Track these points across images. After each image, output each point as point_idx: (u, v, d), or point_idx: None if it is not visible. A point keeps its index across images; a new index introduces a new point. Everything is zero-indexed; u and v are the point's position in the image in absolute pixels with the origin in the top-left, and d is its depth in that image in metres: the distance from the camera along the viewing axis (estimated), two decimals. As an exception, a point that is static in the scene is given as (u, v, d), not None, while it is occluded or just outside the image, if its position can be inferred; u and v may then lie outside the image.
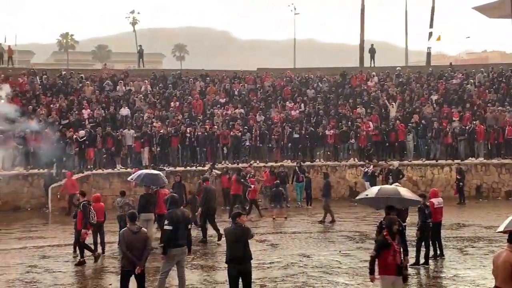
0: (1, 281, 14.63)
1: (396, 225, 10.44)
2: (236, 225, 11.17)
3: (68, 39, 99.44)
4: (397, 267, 10.31)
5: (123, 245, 11.18)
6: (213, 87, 36.58)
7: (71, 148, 28.64)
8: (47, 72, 37.30)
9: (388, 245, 10.24)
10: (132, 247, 11.06)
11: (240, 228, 11.14)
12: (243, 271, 11.13)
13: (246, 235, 11.19)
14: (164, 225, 12.09)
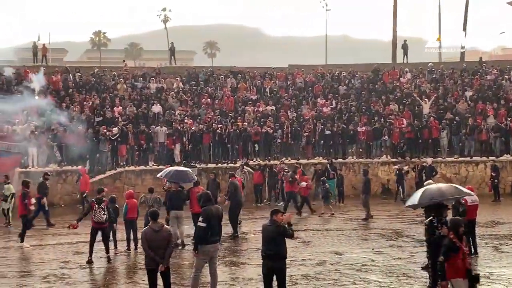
0: (36, 276, 14.80)
1: (462, 227, 10.17)
2: (272, 222, 11.09)
3: (100, 37, 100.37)
4: (466, 270, 10.06)
5: (145, 244, 11.21)
6: (244, 84, 36.57)
7: (104, 145, 28.88)
8: (80, 70, 37.69)
9: (456, 249, 9.99)
10: (154, 245, 11.10)
11: (274, 226, 11.03)
12: (275, 268, 11.09)
13: (279, 233, 11.03)
14: (198, 222, 12.07)
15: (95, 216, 16.22)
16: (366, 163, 31.24)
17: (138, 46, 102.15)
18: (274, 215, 11.15)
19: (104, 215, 16.26)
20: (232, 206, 19.70)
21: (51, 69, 37.02)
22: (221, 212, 12.41)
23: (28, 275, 14.87)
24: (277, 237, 11.01)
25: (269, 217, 11.24)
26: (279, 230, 11.03)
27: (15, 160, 27.94)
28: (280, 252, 11.10)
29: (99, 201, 16.37)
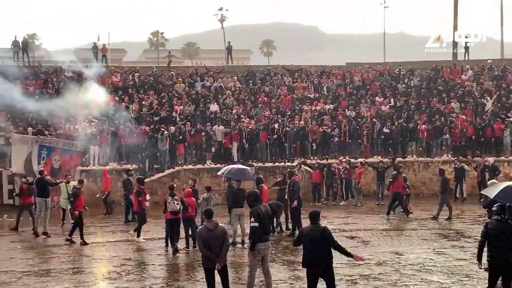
0: (98, 273, 15.05)
1: None
2: (314, 225, 10.66)
3: (158, 37, 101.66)
4: None
5: (200, 243, 11.22)
6: (301, 83, 36.40)
7: (162, 144, 29.19)
8: (139, 69, 38.21)
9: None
10: (210, 244, 11.08)
11: (317, 229, 10.60)
12: (321, 275, 10.71)
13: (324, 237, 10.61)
14: (250, 222, 12.03)
15: (169, 207, 17.28)
16: (426, 161, 30.70)
17: (195, 45, 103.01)
18: (317, 218, 10.79)
19: (177, 205, 17.25)
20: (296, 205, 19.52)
21: (111, 69, 37.66)
22: (270, 210, 12.35)
23: (89, 272, 15.11)
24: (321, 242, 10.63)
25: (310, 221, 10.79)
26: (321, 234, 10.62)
27: (77, 159, 28.51)
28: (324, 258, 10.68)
29: (172, 194, 17.41)
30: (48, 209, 20.77)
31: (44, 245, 18.87)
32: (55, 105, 30.82)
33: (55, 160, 27.84)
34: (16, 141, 27.33)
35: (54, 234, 20.94)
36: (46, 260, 16.55)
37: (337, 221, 22.74)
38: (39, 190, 20.78)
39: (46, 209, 20.53)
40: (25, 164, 26.97)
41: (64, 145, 28.24)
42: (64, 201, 22.77)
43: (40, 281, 14.10)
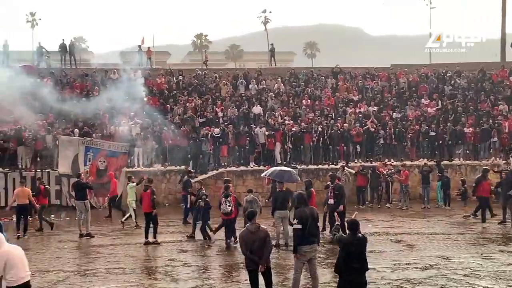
0: (143, 273, 15.18)
1: None
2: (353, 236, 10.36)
3: (202, 40, 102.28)
4: None
5: (243, 246, 11.19)
6: (345, 85, 36.15)
7: (206, 146, 29.32)
8: (183, 71, 38.48)
9: None
10: (252, 246, 11.04)
11: (357, 239, 10.33)
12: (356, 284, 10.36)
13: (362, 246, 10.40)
14: (293, 224, 11.96)
15: (221, 209, 18.00)
16: (474, 165, 30.15)
17: (238, 47, 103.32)
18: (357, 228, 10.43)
19: (229, 207, 17.87)
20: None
21: (155, 72, 38.04)
22: (316, 213, 12.23)
23: (133, 272, 15.24)
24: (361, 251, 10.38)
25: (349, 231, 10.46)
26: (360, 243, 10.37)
27: (123, 160, 28.83)
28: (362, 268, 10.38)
29: (226, 195, 18.06)
30: (89, 211, 20.84)
31: (90, 245, 19.11)
32: (101, 107, 31.31)
33: (101, 162, 28.21)
34: (63, 142, 27.79)
35: (100, 234, 21.21)
36: (93, 260, 16.76)
37: (382, 224, 22.49)
38: (77, 193, 20.94)
39: (86, 211, 20.62)
40: (72, 165, 27.39)
41: (109, 146, 28.59)
42: (132, 202, 22.73)
43: (87, 280, 14.29)
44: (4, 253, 9.68)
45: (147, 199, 19.10)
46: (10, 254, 9.70)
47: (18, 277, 9.60)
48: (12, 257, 9.67)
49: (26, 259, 9.92)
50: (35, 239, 20.32)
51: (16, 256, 9.76)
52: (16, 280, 9.60)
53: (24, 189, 21.08)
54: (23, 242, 18.64)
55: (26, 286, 9.80)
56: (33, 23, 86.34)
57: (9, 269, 9.59)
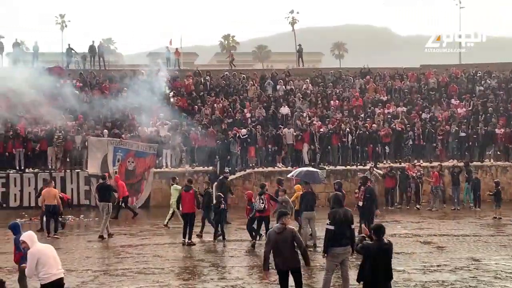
0: (172, 272, 15.23)
1: None
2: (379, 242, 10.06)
3: (229, 41, 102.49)
4: None
5: (268, 245, 11.17)
6: (373, 85, 35.91)
7: (234, 147, 29.33)
8: (211, 72, 38.57)
9: None
10: (278, 246, 10.98)
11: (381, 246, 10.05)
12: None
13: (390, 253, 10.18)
14: (326, 224, 11.88)
15: (255, 206, 18.33)
16: (505, 166, 29.77)
17: (266, 48, 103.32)
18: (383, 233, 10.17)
19: (262, 204, 18.17)
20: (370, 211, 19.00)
21: (183, 73, 38.19)
22: (350, 215, 12.12)
23: (162, 272, 15.30)
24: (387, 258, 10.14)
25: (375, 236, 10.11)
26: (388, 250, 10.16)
27: (151, 161, 29.00)
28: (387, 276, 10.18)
29: (260, 193, 18.41)
30: (109, 214, 20.83)
31: (119, 245, 19.22)
32: (130, 108, 31.54)
33: (130, 162, 28.40)
34: (92, 143, 28.04)
35: (129, 234, 21.36)
36: (121, 260, 16.85)
37: (411, 226, 22.29)
38: (101, 195, 20.91)
39: (107, 213, 20.60)
40: (101, 165, 27.61)
41: (138, 147, 28.76)
42: (174, 202, 22.64)
43: (116, 280, 14.38)
44: (36, 251, 9.90)
45: (189, 199, 19.10)
46: (41, 252, 9.92)
47: (50, 274, 9.81)
48: (43, 254, 9.87)
49: (58, 257, 10.07)
50: (65, 239, 20.49)
51: (48, 254, 9.98)
52: (48, 277, 9.80)
53: (51, 189, 21.24)
54: (53, 242, 18.79)
55: (58, 282, 9.97)
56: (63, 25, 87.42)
57: (41, 266, 9.79)
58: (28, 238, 10.14)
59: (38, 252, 9.92)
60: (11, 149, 28.24)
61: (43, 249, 10.03)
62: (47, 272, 9.81)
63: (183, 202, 19.23)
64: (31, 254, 9.89)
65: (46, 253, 9.97)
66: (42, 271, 9.82)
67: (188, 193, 19.21)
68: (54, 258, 10.00)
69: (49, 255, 9.96)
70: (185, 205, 19.12)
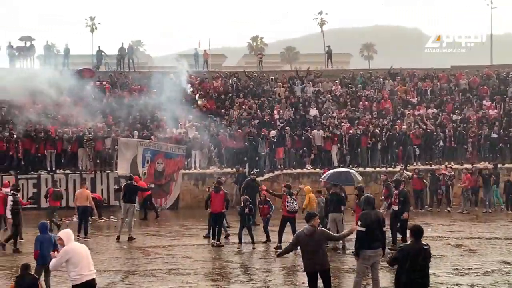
0: (201, 273, 15.28)
1: None
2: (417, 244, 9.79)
3: (258, 42, 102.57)
4: None
5: (294, 246, 11.24)
6: (403, 86, 35.60)
7: (262, 148, 29.30)
8: (239, 74, 38.61)
9: None
10: (307, 248, 10.94)
11: (419, 249, 9.74)
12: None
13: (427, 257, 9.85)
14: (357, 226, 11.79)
15: (288, 206, 18.29)
16: (537, 168, 29.29)
17: (294, 50, 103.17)
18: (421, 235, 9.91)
19: (296, 205, 18.34)
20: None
21: (211, 74, 38.30)
22: (381, 217, 12.02)
23: (192, 273, 15.34)
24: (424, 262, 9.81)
25: (414, 238, 9.84)
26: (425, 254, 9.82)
27: (180, 162, 29.11)
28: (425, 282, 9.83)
29: (290, 193, 18.48)
30: (133, 215, 20.86)
31: (148, 246, 19.33)
32: (159, 109, 31.72)
33: (159, 163, 28.53)
34: (122, 144, 28.21)
35: (158, 235, 21.47)
36: (151, 261, 16.95)
37: (442, 228, 22.05)
38: (126, 195, 20.88)
39: (132, 214, 20.63)
40: (130, 166, 27.78)
41: (167, 148, 28.88)
42: None
43: (146, 281, 14.46)
44: (70, 250, 9.97)
45: (219, 200, 19.13)
46: (75, 251, 9.97)
47: (82, 275, 9.87)
48: (77, 254, 9.92)
49: (91, 258, 10.12)
50: (95, 240, 20.67)
51: (82, 254, 10.03)
52: (80, 278, 9.86)
53: (84, 191, 21.45)
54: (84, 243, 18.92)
55: (90, 284, 10.02)
56: (93, 27, 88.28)
57: (73, 267, 9.85)
58: (65, 235, 10.22)
59: (72, 251, 9.98)
60: (43, 150, 28.54)
61: (77, 249, 10.09)
62: (79, 273, 9.86)
63: (212, 203, 19.24)
64: (64, 252, 9.98)
65: (80, 253, 10.03)
66: (74, 271, 9.87)
67: (218, 194, 19.25)
68: (87, 258, 10.07)
69: (82, 255, 10.01)
70: (214, 205, 19.16)
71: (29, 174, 28.02)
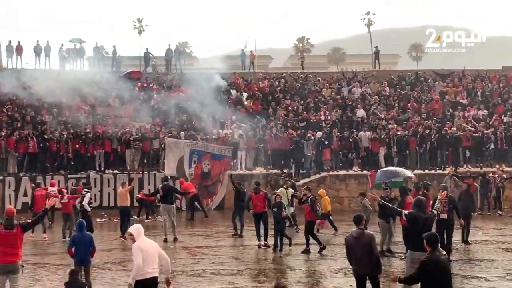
0: (248, 274, 15.28)
1: None
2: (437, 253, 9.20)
3: (304, 43, 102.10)
4: None
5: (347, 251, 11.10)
6: (453, 87, 34.96)
7: (308, 149, 29.14)
8: (285, 75, 38.51)
9: None
10: (354, 251, 10.83)
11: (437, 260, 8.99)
12: None
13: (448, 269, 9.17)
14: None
15: (317, 210, 18.27)
16: None
17: (341, 50, 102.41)
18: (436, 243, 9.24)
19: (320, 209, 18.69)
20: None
21: (257, 75, 38.30)
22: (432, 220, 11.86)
23: (239, 273, 15.35)
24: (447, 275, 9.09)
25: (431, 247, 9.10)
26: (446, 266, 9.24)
27: (226, 163, 29.15)
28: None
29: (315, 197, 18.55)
30: (174, 216, 20.91)
31: (195, 246, 19.41)
32: (205, 110, 31.86)
33: (205, 164, 28.63)
34: (169, 145, 28.39)
35: (205, 235, 21.55)
36: (198, 261, 17.01)
37: (493, 232, 21.57)
38: (164, 196, 20.91)
39: (172, 215, 20.67)
40: (177, 167, 27.95)
41: (214, 149, 28.96)
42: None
43: (193, 281, 14.52)
44: (143, 245, 10.06)
45: (260, 201, 19.15)
46: (142, 248, 10.01)
47: (145, 271, 9.91)
48: (144, 251, 9.97)
49: (157, 255, 10.16)
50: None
51: (148, 250, 10.07)
52: (143, 274, 9.92)
53: (124, 190, 21.67)
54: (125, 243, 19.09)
55: (152, 281, 10.05)
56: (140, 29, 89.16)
57: (143, 263, 9.91)
58: (135, 231, 10.36)
59: (144, 247, 10.07)
60: (92, 150, 28.96)
61: (146, 245, 10.16)
62: (143, 269, 9.94)
63: (254, 204, 19.33)
64: (136, 248, 10.06)
65: (147, 249, 10.08)
66: None
67: (258, 195, 19.36)
68: (152, 255, 10.10)
69: (148, 252, 10.06)
70: (256, 206, 19.23)
71: (78, 174, 28.43)
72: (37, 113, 30.81)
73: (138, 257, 9.93)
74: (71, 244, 12.90)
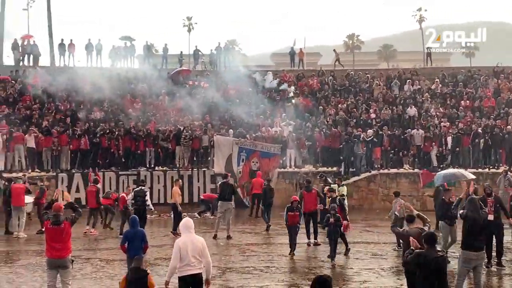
0: (296, 272, 15.18)
1: None
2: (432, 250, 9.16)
3: (354, 40, 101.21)
4: None
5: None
6: (508, 84, 34.09)
7: (358, 148, 28.81)
8: (334, 72, 38.23)
9: None
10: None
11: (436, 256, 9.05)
12: None
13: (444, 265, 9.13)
14: None
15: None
16: None
17: (391, 47, 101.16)
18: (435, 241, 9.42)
19: None
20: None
21: (307, 73, 38.12)
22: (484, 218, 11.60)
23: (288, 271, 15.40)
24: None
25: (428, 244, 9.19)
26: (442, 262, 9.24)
27: (275, 161, 29.06)
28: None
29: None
30: (230, 213, 20.83)
31: (244, 243, 19.41)
32: (255, 108, 31.86)
33: (254, 162, 28.57)
34: (218, 142, 28.46)
35: (254, 233, 21.55)
36: (247, 258, 17.01)
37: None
38: (221, 193, 20.97)
39: (230, 212, 20.68)
40: (226, 165, 27.99)
41: (262, 147, 28.88)
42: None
43: (242, 278, 14.52)
44: (181, 243, 10.12)
45: (311, 199, 19.08)
46: (181, 245, 10.01)
47: (185, 268, 9.93)
48: (184, 247, 9.97)
49: (202, 252, 10.11)
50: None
51: (188, 247, 10.03)
52: (181, 271, 9.94)
53: (174, 188, 21.88)
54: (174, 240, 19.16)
55: (192, 278, 10.02)
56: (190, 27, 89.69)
57: (182, 259, 9.94)
58: (181, 226, 10.51)
59: (183, 244, 10.08)
60: (143, 147, 29.25)
61: (186, 241, 10.15)
62: (183, 266, 9.97)
63: (305, 202, 19.09)
64: (175, 246, 10.14)
65: (187, 246, 10.06)
66: (179, 264, 10.00)
67: (310, 193, 19.21)
68: (192, 251, 10.05)
69: (188, 249, 10.03)
70: (307, 204, 19.04)
71: (129, 171, 28.76)
72: (89, 111, 31.25)
73: (174, 257, 10.04)
74: (124, 240, 13.01)
